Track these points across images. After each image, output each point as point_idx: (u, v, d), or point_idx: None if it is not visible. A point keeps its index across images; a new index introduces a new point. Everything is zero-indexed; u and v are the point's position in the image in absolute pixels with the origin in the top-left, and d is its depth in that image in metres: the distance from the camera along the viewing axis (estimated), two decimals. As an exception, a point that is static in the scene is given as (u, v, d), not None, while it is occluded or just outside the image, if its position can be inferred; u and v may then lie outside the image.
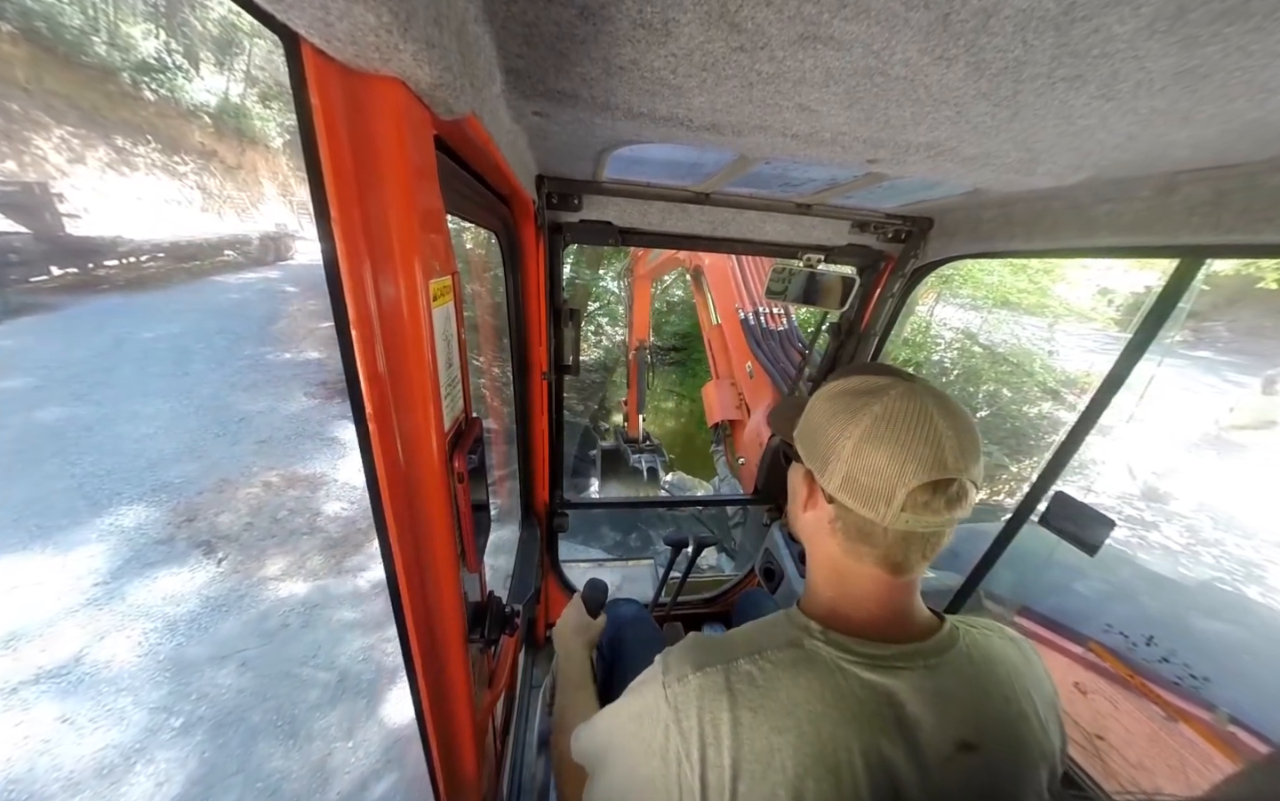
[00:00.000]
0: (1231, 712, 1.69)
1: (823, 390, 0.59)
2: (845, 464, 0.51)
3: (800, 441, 0.59)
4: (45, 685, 2.84)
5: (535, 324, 1.36)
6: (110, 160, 12.70)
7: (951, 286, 10.11)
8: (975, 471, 0.50)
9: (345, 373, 0.45)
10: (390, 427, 0.49)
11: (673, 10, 0.41)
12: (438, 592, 0.60)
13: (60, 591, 3.40)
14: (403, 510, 0.53)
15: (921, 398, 0.51)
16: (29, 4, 11.29)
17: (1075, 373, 9.68)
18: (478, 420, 0.67)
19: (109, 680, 2.91)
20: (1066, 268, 9.40)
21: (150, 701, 2.81)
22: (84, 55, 12.26)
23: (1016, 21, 0.38)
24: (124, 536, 3.90)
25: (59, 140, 11.60)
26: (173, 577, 3.60)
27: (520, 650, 1.57)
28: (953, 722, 0.50)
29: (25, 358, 6.42)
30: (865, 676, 0.50)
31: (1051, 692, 0.59)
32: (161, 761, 2.54)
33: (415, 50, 0.34)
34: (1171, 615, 2.84)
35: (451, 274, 0.54)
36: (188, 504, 4.31)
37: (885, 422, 0.50)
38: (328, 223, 0.40)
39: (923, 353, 9.77)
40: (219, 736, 2.67)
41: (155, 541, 3.89)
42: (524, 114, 0.70)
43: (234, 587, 3.58)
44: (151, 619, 3.28)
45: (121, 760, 2.53)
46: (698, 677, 0.52)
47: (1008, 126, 0.60)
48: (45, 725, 2.64)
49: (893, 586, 0.54)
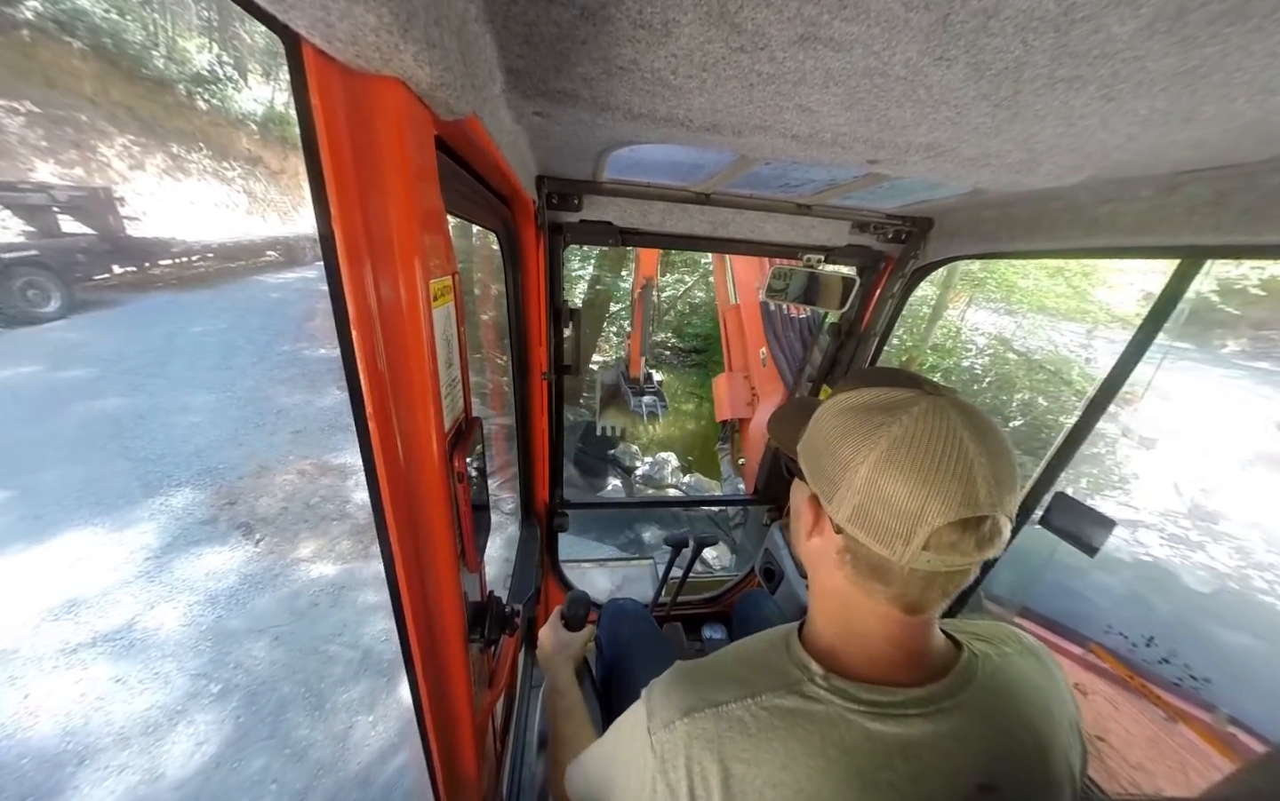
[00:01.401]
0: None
1: (833, 401, 0.51)
2: (858, 493, 0.44)
3: (805, 458, 0.52)
4: (101, 648, 3.08)
5: (535, 324, 1.36)
6: (166, 166, 13.52)
7: (984, 290, 9.79)
8: (1010, 504, 0.43)
9: (345, 372, 0.46)
10: (390, 427, 0.49)
11: (673, 11, 0.41)
12: (438, 592, 0.59)
13: (116, 563, 3.67)
14: (403, 510, 0.53)
15: (949, 416, 0.43)
16: (98, 22, 12.15)
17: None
18: (478, 420, 0.67)
19: (156, 645, 3.14)
20: (1107, 272, 8.98)
21: (192, 668, 3.02)
22: (144, 68, 13.11)
23: (1016, 22, 0.37)
24: (172, 516, 4.18)
25: (121, 148, 12.43)
26: (215, 555, 3.85)
27: (520, 650, 1.57)
28: (971, 767, 0.45)
29: (88, 350, 6.91)
30: (872, 727, 0.45)
31: (1073, 707, 0.55)
32: (201, 723, 2.74)
33: (416, 51, 0.34)
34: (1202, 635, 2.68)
35: (452, 274, 0.54)
36: (229, 488, 4.58)
37: (906, 447, 0.43)
38: (328, 222, 0.40)
39: (952, 358, 9.48)
40: (253, 703, 2.85)
41: (200, 522, 4.16)
42: (524, 114, 0.70)
43: (269, 567, 3.80)
44: (195, 592, 3.52)
45: (166, 719, 2.74)
46: (685, 724, 0.48)
47: (1008, 127, 0.60)
48: (100, 684, 2.88)
49: (906, 625, 0.48)
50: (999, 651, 0.53)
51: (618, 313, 11.02)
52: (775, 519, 2.00)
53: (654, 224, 1.28)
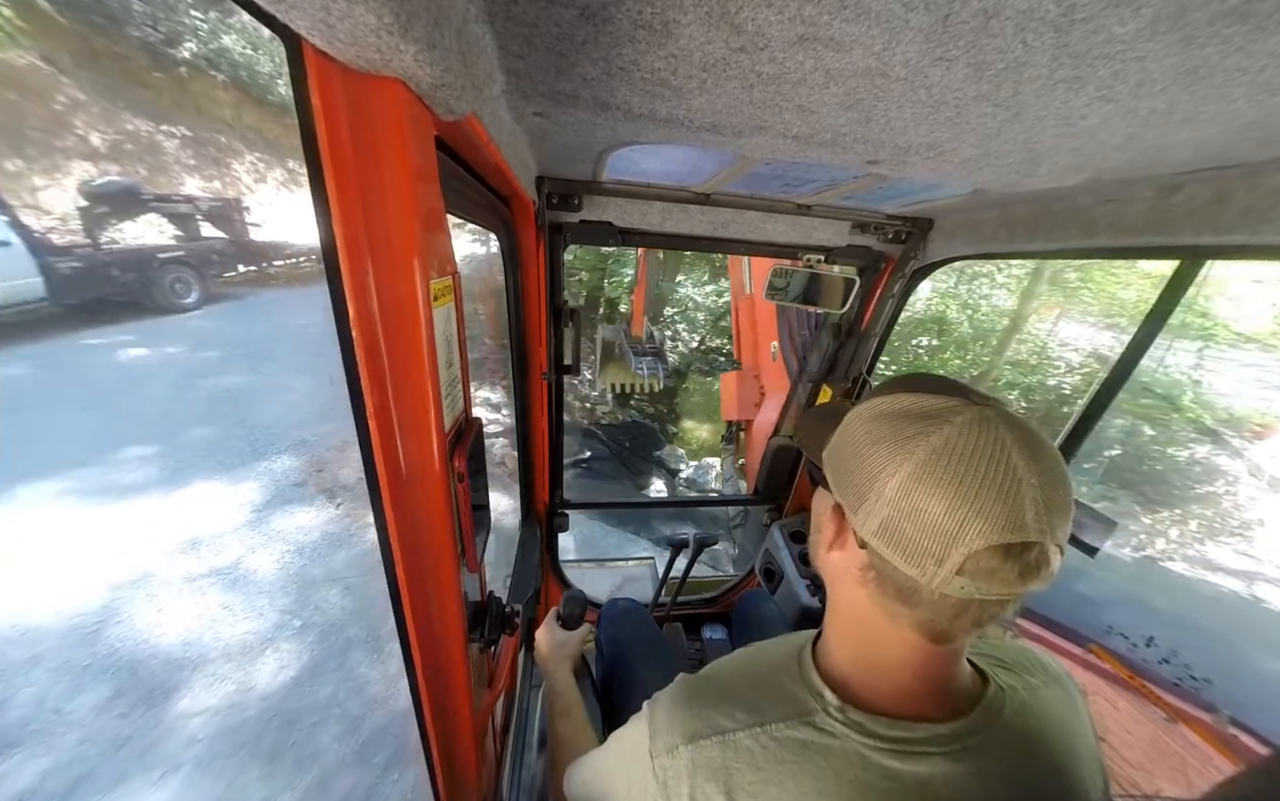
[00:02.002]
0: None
1: (866, 405, 0.47)
2: (887, 506, 0.40)
3: (830, 465, 0.48)
4: (214, 579, 3.69)
5: (535, 324, 1.36)
6: (284, 180, 15.51)
7: (1079, 300, 8.88)
8: (1062, 533, 0.38)
9: (345, 372, 0.45)
10: (390, 427, 0.49)
11: (673, 11, 0.40)
12: (438, 592, 0.59)
13: (229, 511, 4.35)
14: (403, 510, 0.52)
15: (998, 429, 0.39)
16: (237, 57, 14.24)
17: (1244, 411, 8.00)
18: (477, 420, 0.67)
19: (255, 583, 3.69)
20: (1230, 282, 7.83)
21: (280, 605, 3.54)
22: (269, 96, 15.17)
23: (1016, 22, 0.37)
24: (273, 477, 4.85)
25: (249, 165, 14.45)
26: (303, 513, 4.43)
27: (520, 650, 1.56)
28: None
29: (218, 336, 8.11)
30: (891, 766, 0.42)
31: (1094, 740, 0.52)
32: (284, 650, 3.21)
33: (416, 51, 0.34)
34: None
35: (452, 274, 0.54)
36: (318, 458, 5.23)
37: (946, 460, 0.38)
38: (329, 222, 0.40)
39: (1035, 376, 8.67)
40: (325, 640, 3.29)
41: (293, 484, 4.79)
42: (524, 114, 0.69)
43: (345, 527, 4.32)
44: (286, 542, 4.08)
45: (258, 644, 3.24)
46: (689, 751, 0.46)
47: (1008, 127, 0.59)
48: (212, 608, 3.45)
49: (931, 655, 0.44)
50: (1025, 683, 0.50)
51: (671, 317, 11.12)
52: (775, 519, 1.98)
53: (654, 224, 1.28)
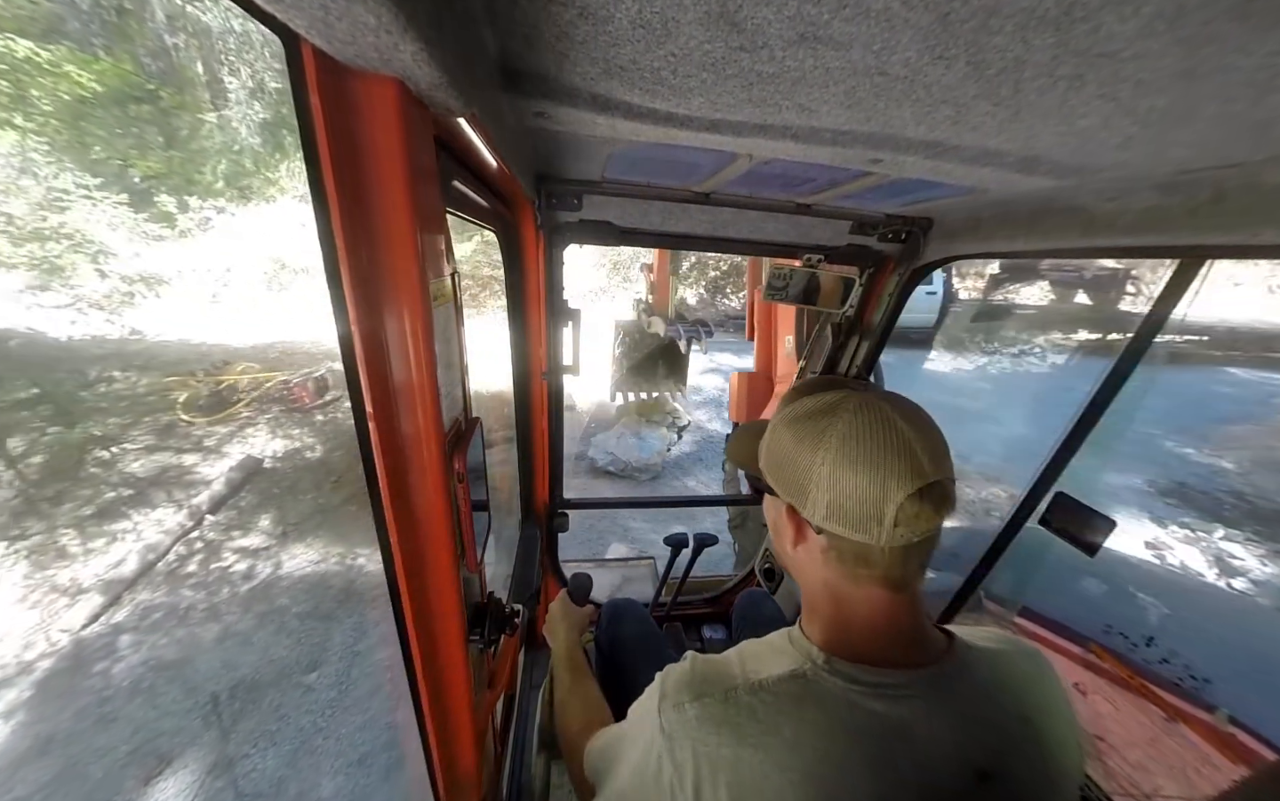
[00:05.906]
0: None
1: (780, 415, 0.56)
2: (826, 491, 0.49)
3: (769, 472, 0.57)
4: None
5: (535, 324, 1.35)
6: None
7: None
8: (949, 468, 0.49)
9: (345, 372, 0.46)
10: (390, 427, 0.49)
11: (672, 10, 0.40)
12: (438, 592, 0.60)
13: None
14: (402, 509, 0.53)
15: (880, 406, 0.49)
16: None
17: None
18: (477, 420, 0.67)
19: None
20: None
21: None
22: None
23: (1017, 21, 0.37)
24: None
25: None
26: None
27: (520, 650, 1.56)
28: (970, 752, 0.47)
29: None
30: (875, 707, 0.47)
31: (1067, 705, 0.56)
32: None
33: (415, 50, 0.34)
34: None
35: (451, 274, 0.54)
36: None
37: (853, 441, 0.48)
38: (328, 222, 0.40)
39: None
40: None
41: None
42: (524, 114, 0.70)
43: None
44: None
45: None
46: (695, 707, 0.50)
47: (1008, 126, 0.59)
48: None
49: (895, 604, 0.51)
50: (991, 648, 0.56)
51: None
52: None
53: (654, 224, 1.28)
